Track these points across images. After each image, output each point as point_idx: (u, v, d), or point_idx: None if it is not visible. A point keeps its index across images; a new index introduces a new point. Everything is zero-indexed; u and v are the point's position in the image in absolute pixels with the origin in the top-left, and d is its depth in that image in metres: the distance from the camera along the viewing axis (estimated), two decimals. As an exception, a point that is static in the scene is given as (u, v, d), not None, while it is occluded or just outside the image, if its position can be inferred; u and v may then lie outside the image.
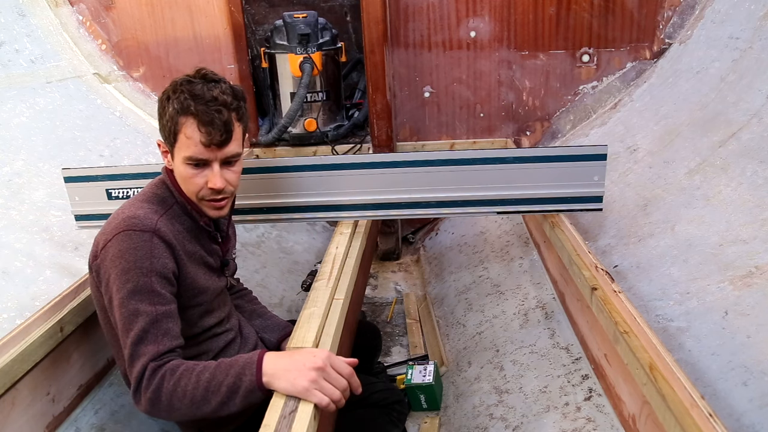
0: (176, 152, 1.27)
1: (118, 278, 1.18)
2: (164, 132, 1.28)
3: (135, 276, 1.17)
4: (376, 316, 2.63)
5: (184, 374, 1.12)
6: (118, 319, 1.18)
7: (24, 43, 2.80)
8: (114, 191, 1.92)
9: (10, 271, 1.80)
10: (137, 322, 1.16)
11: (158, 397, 1.12)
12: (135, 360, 1.14)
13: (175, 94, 1.23)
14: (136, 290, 1.17)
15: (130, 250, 1.19)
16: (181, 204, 1.34)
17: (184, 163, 1.26)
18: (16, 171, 2.25)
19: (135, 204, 1.29)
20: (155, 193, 1.33)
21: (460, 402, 1.84)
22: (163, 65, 3.04)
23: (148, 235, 1.21)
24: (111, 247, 1.20)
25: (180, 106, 1.22)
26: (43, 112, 2.60)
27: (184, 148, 1.24)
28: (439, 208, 1.88)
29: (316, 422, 1.07)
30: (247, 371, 1.11)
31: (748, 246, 1.58)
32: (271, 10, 3.25)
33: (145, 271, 1.18)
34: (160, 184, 1.36)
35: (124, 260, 1.18)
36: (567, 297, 1.83)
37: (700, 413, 0.98)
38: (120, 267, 1.18)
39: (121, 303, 1.17)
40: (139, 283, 1.17)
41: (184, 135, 1.23)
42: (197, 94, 1.22)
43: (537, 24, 2.81)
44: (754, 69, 2.12)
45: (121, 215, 1.25)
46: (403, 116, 3.05)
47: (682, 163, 2.07)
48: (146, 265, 1.19)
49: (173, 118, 1.23)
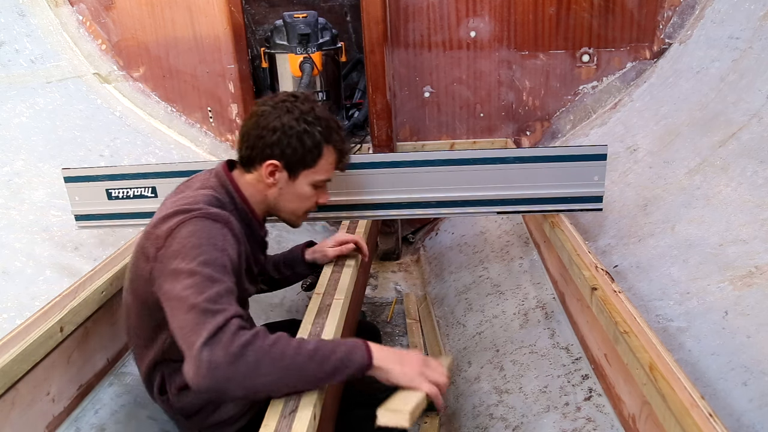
0: (305, 175, 1.35)
1: (190, 251, 1.12)
2: (300, 157, 1.32)
3: (209, 249, 1.13)
4: (376, 316, 2.63)
5: (282, 338, 1.05)
6: (186, 287, 1.07)
7: (24, 43, 2.80)
8: (114, 191, 1.92)
9: (10, 271, 1.80)
10: (212, 287, 1.07)
11: (244, 353, 0.99)
12: (213, 314, 1.02)
13: (318, 121, 1.32)
14: (210, 261, 1.11)
15: (206, 229, 1.16)
16: (241, 211, 1.34)
17: (309, 185, 1.37)
18: (16, 171, 2.25)
19: (199, 200, 1.25)
20: (215, 197, 1.30)
21: (460, 402, 1.84)
22: (163, 65, 3.04)
23: (221, 225, 1.20)
24: (184, 227, 1.16)
25: (326, 134, 1.33)
26: (43, 112, 2.60)
27: (322, 172, 1.37)
28: (439, 208, 1.88)
29: (316, 422, 1.07)
30: (357, 351, 1.09)
31: (748, 246, 1.58)
32: (271, 10, 3.25)
33: (219, 247, 1.15)
34: (219, 189, 1.33)
35: (197, 237, 1.14)
36: (567, 297, 1.83)
37: (700, 413, 0.98)
38: (193, 242, 1.13)
39: (192, 271, 1.09)
40: (213, 256, 1.12)
41: (326, 161, 1.35)
42: (332, 126, 1.35)
43: (537, 24, 2.81)
44: (754, 69, 2.12)
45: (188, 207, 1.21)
46: (403, 116, 3.05)
47: (682, 163, 2.07)
48: (220, 244, 1.16)
49: (319, 145, 1.32)
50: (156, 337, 1.30)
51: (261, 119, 1.31)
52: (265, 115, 1.31)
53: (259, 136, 1.31)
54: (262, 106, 1.33)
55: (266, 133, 1.30)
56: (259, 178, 1.36)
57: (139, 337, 1.35)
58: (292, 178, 1.36)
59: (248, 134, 1.33)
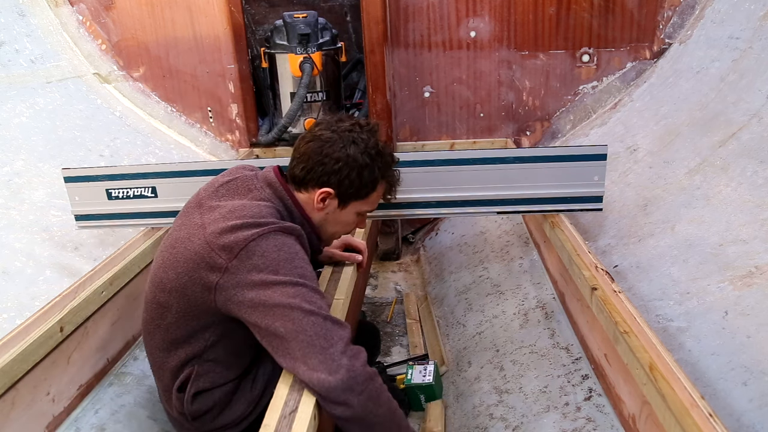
0: (354, 205, 1.38)
1: (282, 265, 1.16)
2: (355, 189, 1.34)
3: (301, 263, 1.19)
4: (376, 316, 2.63)
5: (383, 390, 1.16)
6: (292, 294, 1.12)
7: (24, 43, 2.80)
8: (114, 191, 1.92)
9: (10, 271, 1.80)
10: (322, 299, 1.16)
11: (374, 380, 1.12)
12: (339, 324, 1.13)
13: (380, 157, 1.34)
14: (307, 276, 1.17)
15: (288, 244, 1.20)
16: (300, 224, 1.34)
17: (356, 214, 1.40)
18: (16, 171, 2.25)
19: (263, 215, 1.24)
20: (276, 209, 1.30)
21: (460, 402, 1.84)
22: (163, 65, 3.04)
23: (295, 238, 1.24)
24: (263, 242, 1.17)
25: (384, 171, 1.37)
26: (43, 112, 2.60)
27: (370, 204, 1.40)
28: (439, 208, 1.88)
29: (316, 422, 1.07)
30: None
31: (748, 246, 1.58)
32: (271, 10, 3.25)
33: (307, 261, 1.21)
34: (276, 201, 1.33)
35: (283, 252, 1.18)
36: (567, 297, 1.83)
37: (700, 413, 0.98)
38: (282, 257, 1.17)
39: (291, 281, 1.14)
40: (306, 270, 1.18)
41: (377, 194, 1.39)
42: (388, 161, 1.38)
43: (537, 24, 2.81)
44: (754, 69, 2.12)
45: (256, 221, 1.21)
46: (403, 116, 3.05)
47: (682, 163, 2.07)
48: (305, 258, 1.21)
49: (375, 180, 1.36)
50: (198, 336, 1.29)
51: (326, 146, 1.31)
52: (331, 143, 1.31)
53: (320, 162, 1.31)
54: (326, 131, 1.32)
55: (328, 161, 1.31)
56: (309, 199, 1.36)
57: (172, 334, 1.31)
58: (341, 206, 1.37)
59: (309, 157, 1.32)
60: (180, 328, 1.30)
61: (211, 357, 1.30)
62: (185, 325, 1.29)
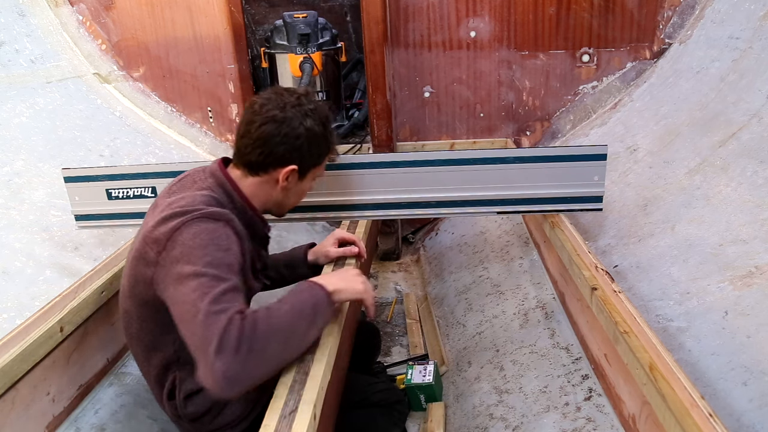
0: (312, 173, 1.41)
1: (194, 253, 1.12)
2: (315, 156, 1.37)
3: (213, 250, 1.13)
4: (376, 316, 2.63)
5: (271, 311, 1.10)
6: (192, 289, 1.08)
7: (24, 43, 2.80)
8: (114, 191, 1.92)
9: (10, 271, 1.80)
10: (214, 287, 1.08)
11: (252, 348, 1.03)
12: (216, 316, 1.03)
13: (327, 120, 1.37)
14: (213, 262, 1.12)
15: (208, 230, 1.16)
16: (240, 210, 1.33)
17: (312, 179, 1.43)
18: (16, 171, 2.25)
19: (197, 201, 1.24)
20: (213, 197, 1.29)
21: (460, 402, 1.84)
22: (163, 65, 3.04)
23: (223, 224, 1.20)
24: (186, 229, 1.15)
25: (332, 131, 1.40)
26: (43, 112, 2.60)
27: (321, 168, 1.44)
28: (439, 208, 1.88)
29: (316, 422, 1.07)
30: (316, 290, 1.20)
31: (748, 246, 1.58)
32: (271, 10, 3.25)
33: (223, 247, 1.16)
34: (217, 189, 1.32)
35: (200, 239, 1.14)
36: (567, 297, 1.83)
37: (700, 413, 0.98)
38: (197, 243, 1.14)
39: (198, 273, 1.09)
40: (216, 256, 1.13)
41: (329, 159, 1.44)
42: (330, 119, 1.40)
43: (537, 24, 2.81)
44: (754, 69, 2.12)
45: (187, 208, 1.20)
46: (403, 116, 3.05)
47: (682, 163, 2.07)
48: (224, 244, 1.16)
49: (331, 144, 1.40)
50: (164, 340, 1.28)
51: (283, 126, 1.29)
52: (287, 122, 1.29)
53: (280, 143, 1.29)
54: (277, 111, 1.29)
55: (288, 140, 1.30)
56: (268, 180, 1.35)
57: (142, 342, 1.32)
58: (302, 178, 1.38)
59: (266, 141, 1.30)
60: (146, 334, 1.31)
61: (188, 359, 1.24)
62: (149, 331, 1.30)
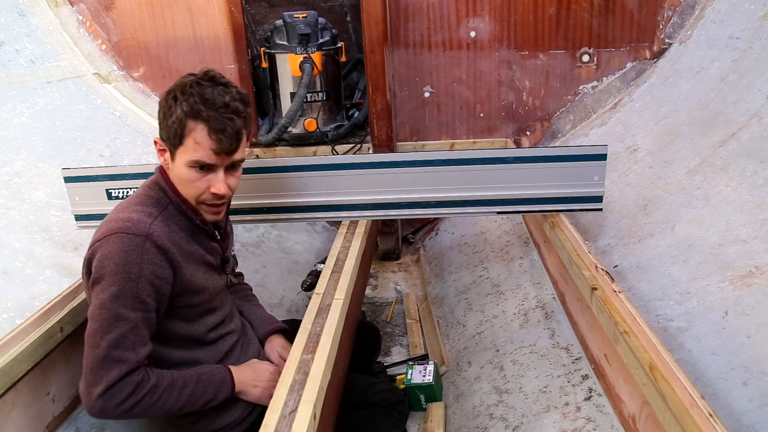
0: (180, 154, 1.24)
1: (104, 280, 1.17)
2: (168, 132, 1.24)
3: (121, 280, 1.17)
4: (376, 316, 2.63)
5: (167, 390, 1.21)
6: (95, 319, 1.17)
7: (24, 43, 2.80)
8: (114, 191, 1.92)
9: (10, 271, 1.80)
10: (117, 327, 1.16)
11: (133, 409, 1.17)
12: (111, 364, 1.15)
13: (184, 96, 1.21)
14: (120, 294, 1.16)
15: (121, 253, 1.18)
16: (176, 204, 1.31)
17: (188, 166, 1.24)
18: (16, 171, 2.25)
19: (129, 207, 1.27)
20: (148, 195, 1.31)
21: (460, 402, 1.84)
22: (163, 65, 3.04)
23: (141, 239, 1.20)
24: (101, 249, 1.19)
25: (190, 109, 1.20)
26: (43, 112, 2.60)
27: (191, 151, 1.22)
28: (439, 208, 1.88)
29: (316, 422, 1.07)
30: (225, 385, 1.32)
31: (748, 246, 1.58)
32: (271, 10, 3.25)
33: (134, 276, 1.17)
34: (153, 185, 1.34)
35: (113, 263, 1.17)
36: (567, 297, 1.83)
37: (700, 413, 0.98)
38: (108, 269, 1.17)
39: (102, 304, 1.16)
40: (125, 288, 1.16)
41: (193, 140, 1.21)
42: (208, 99, 1.21)
43: (537, 24, 2.81)
44: (754, 69, 2.12)
45: (114, 218, 1.24)
46: (403, 116, 3.05)
47: (682, 163, 2.07)
48: (135, 271, 1.18)
49: (181, 120, 1.21)
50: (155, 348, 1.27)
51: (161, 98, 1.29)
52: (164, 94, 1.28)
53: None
54: None
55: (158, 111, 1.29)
56: None
57: None
58: (173, 159, 1.27)
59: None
60: None
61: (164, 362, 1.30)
62: None
